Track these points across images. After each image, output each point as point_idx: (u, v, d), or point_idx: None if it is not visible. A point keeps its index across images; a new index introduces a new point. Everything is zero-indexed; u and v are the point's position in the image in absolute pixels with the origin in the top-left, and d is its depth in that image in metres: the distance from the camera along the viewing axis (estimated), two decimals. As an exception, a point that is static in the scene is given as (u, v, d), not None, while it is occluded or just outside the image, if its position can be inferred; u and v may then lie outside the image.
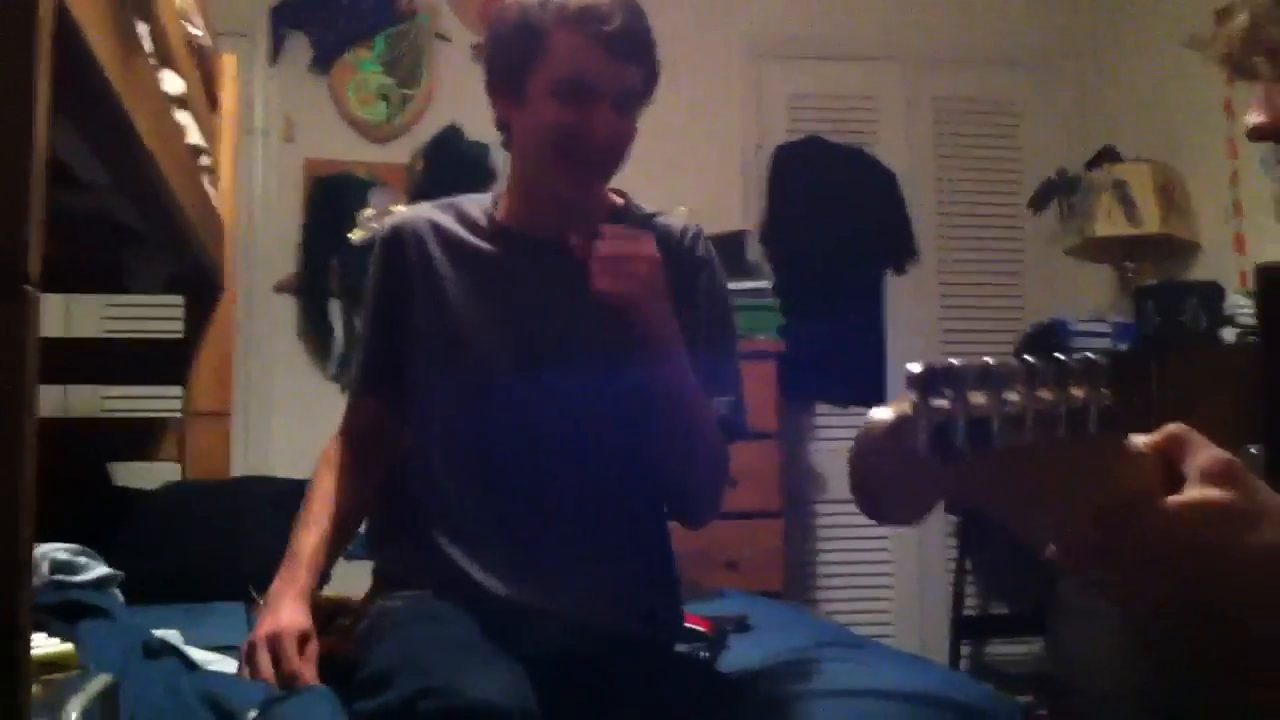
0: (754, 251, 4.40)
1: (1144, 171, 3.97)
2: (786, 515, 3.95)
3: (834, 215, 4.57)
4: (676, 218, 1.88)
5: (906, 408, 0.67)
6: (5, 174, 1.16)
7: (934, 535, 4.50)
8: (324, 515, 1.75)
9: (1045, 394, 0.68)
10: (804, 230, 4.54)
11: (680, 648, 1.83)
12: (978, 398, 0.66)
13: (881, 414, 0.70)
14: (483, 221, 1.80)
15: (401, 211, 1.85)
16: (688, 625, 1.88)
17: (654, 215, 1.86)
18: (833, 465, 4.51)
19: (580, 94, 1.65)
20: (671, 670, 1.70)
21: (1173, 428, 0.78)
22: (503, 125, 1.77)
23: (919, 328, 4.62)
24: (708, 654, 1.89)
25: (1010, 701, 1.93)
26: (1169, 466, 0.77)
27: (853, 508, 0.75)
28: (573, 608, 1.64)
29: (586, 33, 1.63)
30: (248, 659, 1.63)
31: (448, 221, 1.79)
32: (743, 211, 4.55)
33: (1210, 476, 0.75)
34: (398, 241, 1.78)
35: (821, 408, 4.55)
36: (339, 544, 1.77)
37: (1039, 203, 4.53)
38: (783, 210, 4.58)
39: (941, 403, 0.66)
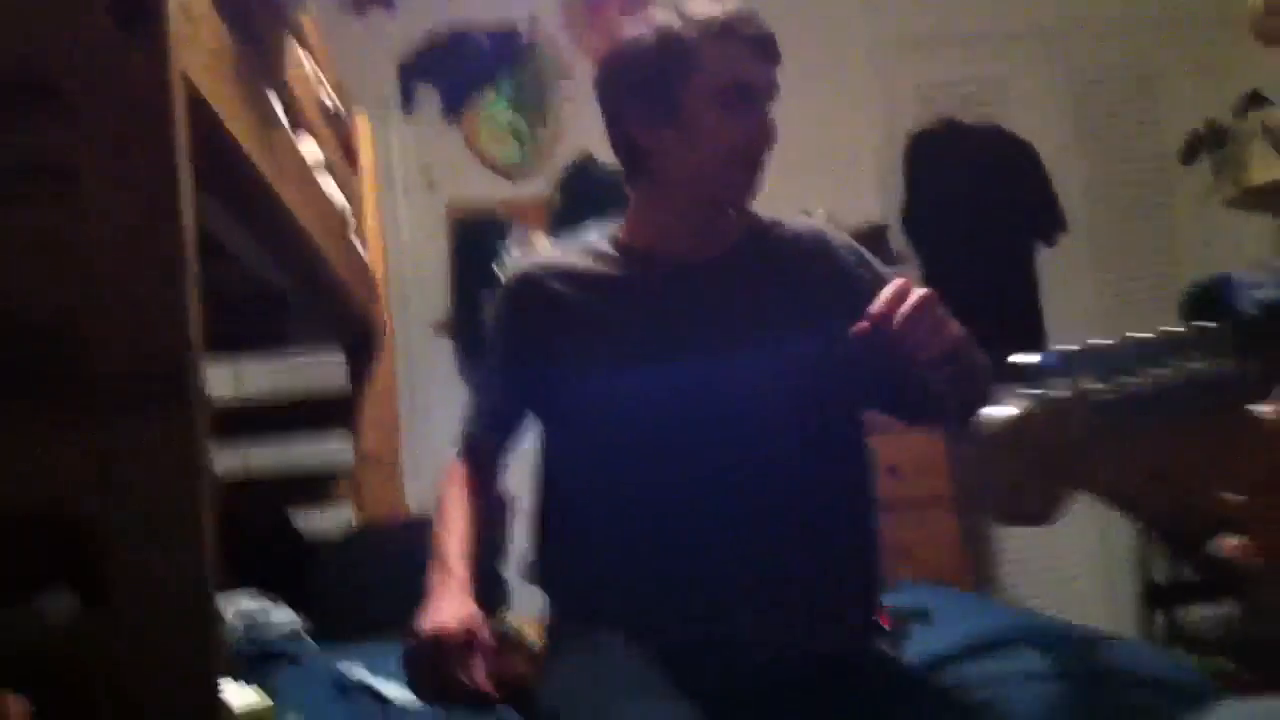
0: (896, 242, 4.36)
1: (1294, 113, 3.82)
2: (959, 502, 3.91)
3: (976, 196, 4.48)
4: (805, 219, 1.87)
5: (1021, 405, 0.66)
6: (158, 268, 1.24)
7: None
8: (462, 520, 1.72)
9: (1167, 369, 0.65)
10: (947, 215, 4.47)
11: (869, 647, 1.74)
12: (1096, 384, 0.64)
13: (1001, 410, 0.68)
14: (612, 251, 1.77)
15: (520, 261, 1.87)
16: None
17: (779, 221, 1.82)
18: None
19: (744, 97, 1.66)
20: (857, 674, 1.61)
21: None
22: (639, 150, 1.73)
23: (1077, 301, 4.52)
24: (889, 648, 1.83)
25: (1201, 671, 1.88)
26: None
27: None
28: (761, 641, 1.59)
29: (738, 39, 1.66)
30: (410, 665, 1.55)
31: (573, 260, 1.77)
32: (881, 204, 4.51)
33: None
34: (522, 289, 1.77)
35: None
36: (476, 549, 1.72)
37: (1188, 156, 4.37)
38: (923, 197, 4.52)
39: (1060, 392, 0.65)
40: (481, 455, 1.82)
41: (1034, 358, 0.65)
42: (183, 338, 1.26)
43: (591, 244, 1.81)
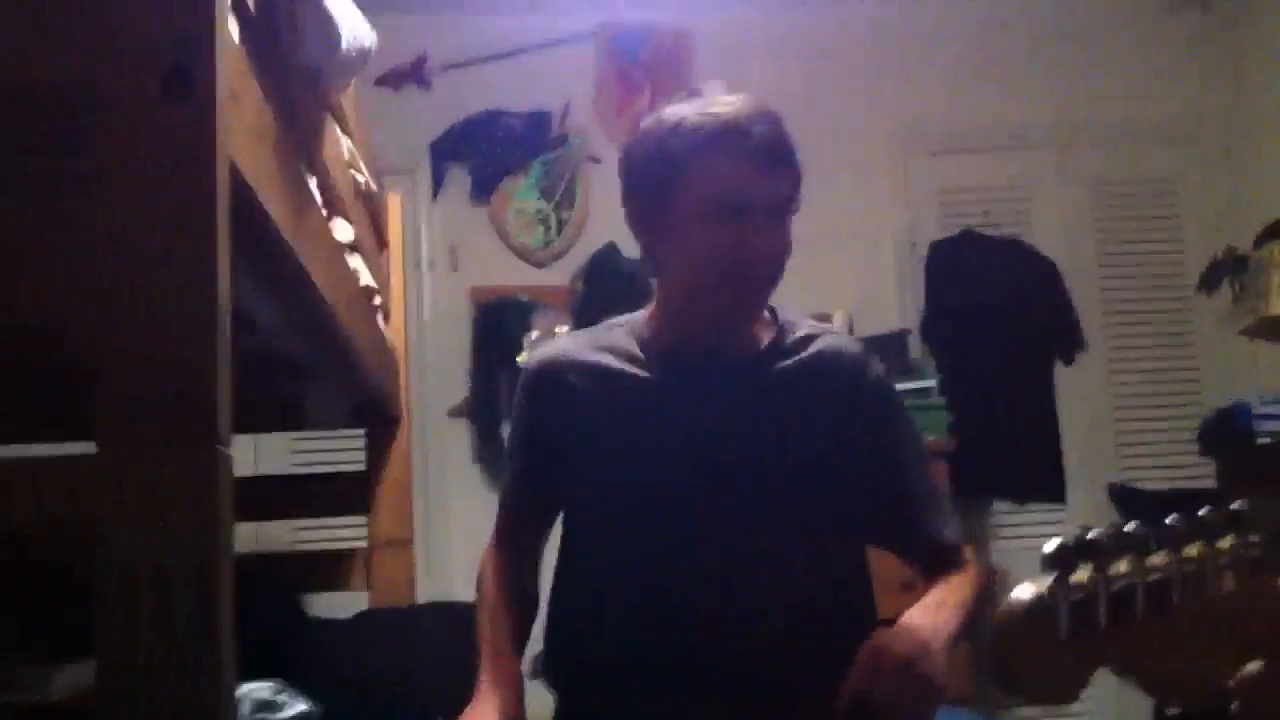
0: (914, 350, 4.35)
1: (1315, 245, 3.82)
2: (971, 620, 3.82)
3: (995, 308, 4.49)
4: (841, 335, 1.88)
5: (1044, 587, 0.65)
6: (193, 337, 1.24)
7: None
8: (504, 609, 1.76)
9: (1190, 551, 0.65)
10: (966, 325, 4.48)
11: None
12: (1119, 567, 0.65)
13: (1022, 593, 0.69)
14: (631, 347, 1.76)
15: (543, 349, 1.85)
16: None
17: (812, 334, 1.79)
18: (1016, 565, 4.25)
19: (731, 213, 1.60)
20: None
21: None
22: (648, 254, 1.74)
23: (1093, 418, 4.50)
24: None
25: None
26: None
27: None
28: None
29: (729, 150, 1.59)
30: None
31: (593, 355, 1.77)
32: (900, 310, 4.52)
33: None
34: (542, 380, 1.79)
35: (1000, 506, 4.43)
36: (522, 637, 1.77)
37: (1209, 283, 4.37)
38: (942, 306, 4.53)
39: (1081, 577, 0.65)
40: (513, 542, 1.83)
41: (1056, 545, 0.64)
42: (212, 426, 1.24)
43: (613, 338, 1.79)
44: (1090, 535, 0.66)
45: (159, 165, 1.24)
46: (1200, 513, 0.66)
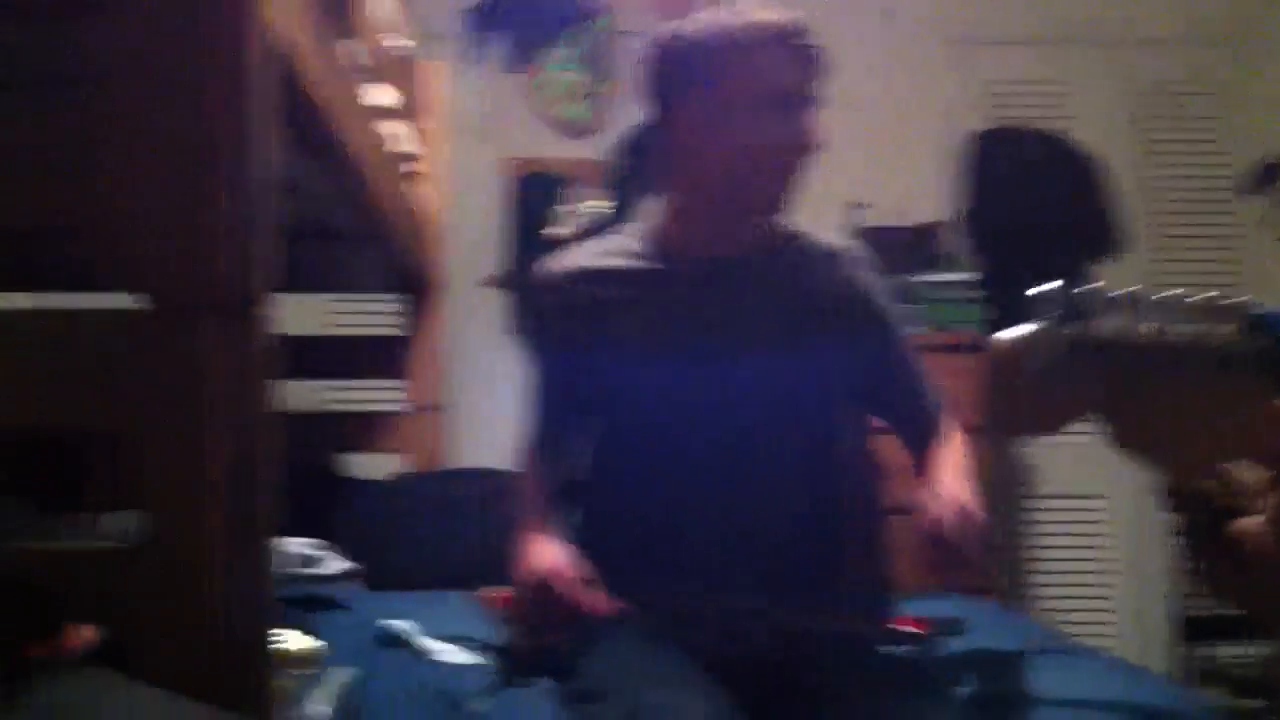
0: (954, 242, 4.32)
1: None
2: (997, 511, 3.87)
3: (1038, 204, 4.40)
4: (837, 234, 1.97)
5: (1032, 328, 0.68)
6: (227, 202, 1.25)
7: (1154, 531, 4.33)
8: (541, 491, 1.82)
9: (1188, 329, 0.67)
10: (1007, 220, 4.41)
11: (893, 649, 1.82)
12: (1112, 322, 0.67)
13: (1016, 329, 0.70)
14: (642, 249, 1.83)
15: (556, 261, 1.90)
16: (901, 628, 1.88)
17: (810, 234, 1.89)
18: (1045, 458, 4.38)
19: (786, 106, 1.71)
20: (879, 672, 1.69)
21: None
22: (676, 144, 1.79)
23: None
24: (921, 656, 1.87)
25: (1229, 714, 1.88)
26: None
27: (1067, 503, 0.74)
28: (786, 614, 1.68)
29: (789, 46, 1.71)
30: (523, 608, 1.66)
31: (604, 260, 1.84)
32: (940, 201, 4.46)
33: None
34: (556, 289, 1.85)
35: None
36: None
37: (1248, 188, 4.28)
38: (985, 200, 4.45)
39: (1072, 325, 0.68)
40: (546, 449, 1.88)
41: (1050, 288, 0.66)
42: (249, 254, 1.26)
43: (622, 243, 1.87)
44: (1086, 287, 0.68)
45: (197, 26, 1.25)
46: (1209, 295, 0.67)
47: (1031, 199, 4.42)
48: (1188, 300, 0.67)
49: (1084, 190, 4.47)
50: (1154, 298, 0.67)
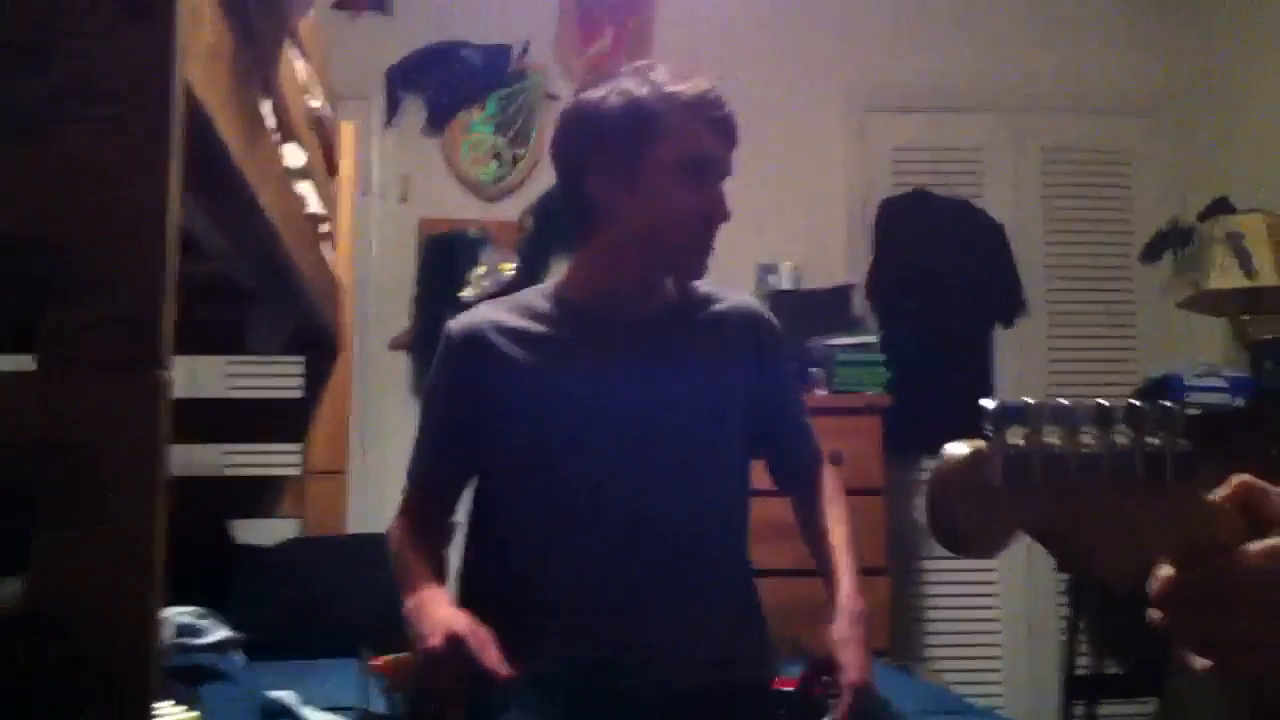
0: (859, 305, 4.40)
1: (1258, 222, 3.87)
2: (892, 572, 3.92)
3: (941, 268, 4.54)
4: (740, 294, 1.98)
5: (982, 444, 0.70)
6: (140, 261, 1.22)
7: (1045, 593, 4.42)
8: (422, 562, 1.77)
9: (1121, 438, 0.70)
10: (911, 283, 4.52)
11: (782, 709, 1.83)
12: (1053, 436, 0.70)
13: (958, 448, 0.72)
14: (550, 310, 1.85)
15: (464, 317, 1.89)
16: (783, 689, 1.88)
17: (713, 294, 1.93)
18: None
19: (699, 171, 1.75)
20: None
21: (1243, 478, 0.79)
22: (593, 208, 1.81)
23: (1028, 382, 4.55)
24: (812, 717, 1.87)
25: None
26: (1247, 517, 0.77)
27: (961, 564, 0.76)
28: (672, 668, 1.70)
29: (704, 116, 1.76)
30: (429, 670, 1.59)
31: (512, 319, 1.84)
32: (848, 265, 4.55)
33: None
34: (465, 344, 1.83)
35: (929, 462, 4.50)
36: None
37: (1151, 254, 4.45)
38: (889, 264, 4.57)
39: (1017, 439, 0.69)
40: (422, 513, 1.87)
41: (992, 403, 0.70)
42: (155, 351, 1.24)
43: (534, 301, 1.88)
44: (1030, 401, 0.69)
45: (116, 84, 1.23)
46: (1134, 403, 0.70)
47: (934, 263, 4.53)
48: (1129, 405, 0.71)
49: (986, 255, 4.59)
50: (1096, 405, 0.71)
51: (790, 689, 1.90)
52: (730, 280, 2.05)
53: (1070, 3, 4.76)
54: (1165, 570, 0.75)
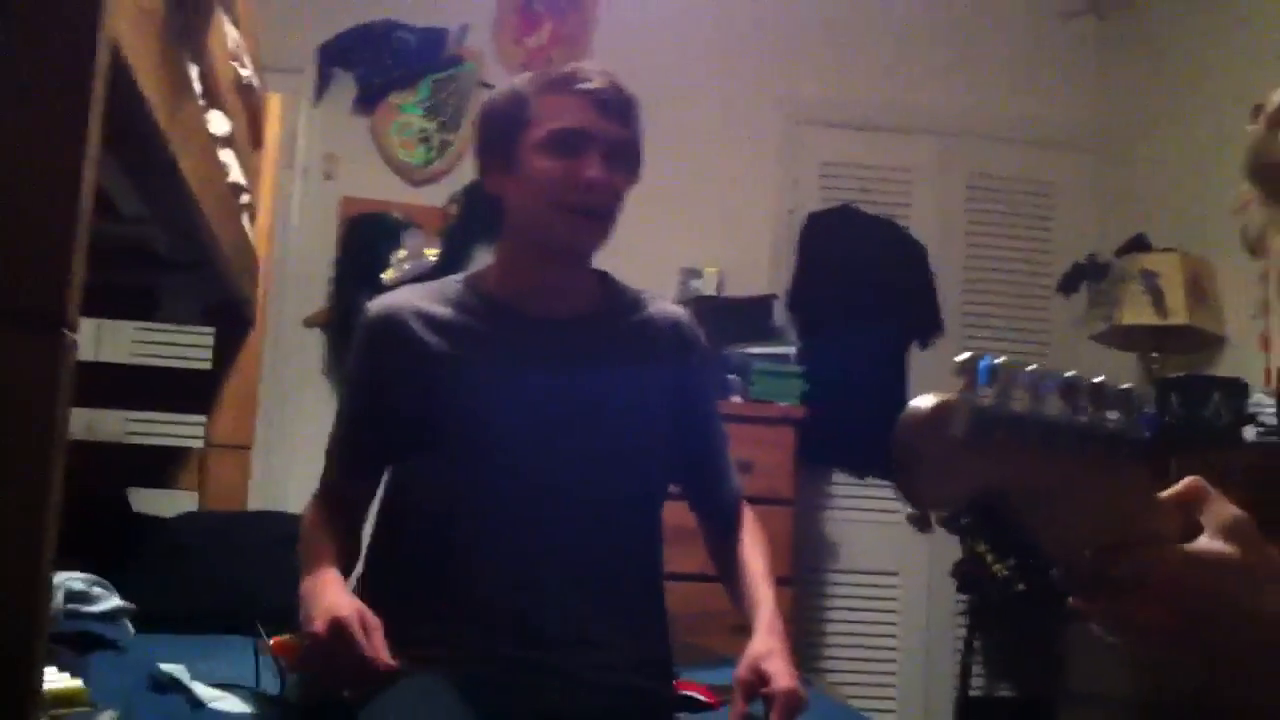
0: (779, 316, 4.43)
1: (1173, 262, 3.96)
2: (796, 583, 3.95)
3: (862, 285, 4.58)
4: (667, 301, 1.96)
5: (951, 396, 0.71)
6: (51, 218, 1.19)
7: (943, 611, 4.48)
8: (328, 546, 1.74)
9: (1083, 413, 0.72)
10: (831, 298, 4.56)
11: (681, 717, 1.83)
12: (1019, 402, 0.71)
13: (926, 399, 0.73)
14: (470, 300, 1.82)
15: (385, 299, 1.86)
16: (689, 694, 1.88)
17: (641, 298, 1.91)
18: (847, 534, 4.50)
19: (569, 145, 1.72)
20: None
21: (1194, 479, 0.81)
22: (495, 199, 1.82)
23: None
24: None
25: None
26: (1186, 516, 0.79)
27: (865, 578, 0.76)
28: (582, 664, 1.67)
29: (570, 91, 1.74)
30: (307, 658, 1.59)
31: (432, 306, 1.81)
32: (771, 275, 4.58)
33: (1225, 531, 0.77)
34: (384, 328, 1.79)
35: (839, 477, 4.55)
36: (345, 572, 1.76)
37: (1067, 286, 4.53)
38: (811, 277, 4.60)
39: (986, 395, 0.70)
40: (338, 500, 1.83)
41: (969, 355, 0.72)
42: (60, 308, 1.21)
43: (455, 290, 1.85)
44: (1000, 359, 0.71)
45: (38, 39, 1.20)
46: (1101, 380, 0.72)
47: (857, 280, 4.57)
48: (1093, 382, 0.72)
49: (908, 275, 4.65)
50: (1063, 376, 0.72)
51: (700, 695, 1.90)
52: (652, 283, 2.02)
53: (1004, 36, 4.84)
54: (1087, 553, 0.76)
